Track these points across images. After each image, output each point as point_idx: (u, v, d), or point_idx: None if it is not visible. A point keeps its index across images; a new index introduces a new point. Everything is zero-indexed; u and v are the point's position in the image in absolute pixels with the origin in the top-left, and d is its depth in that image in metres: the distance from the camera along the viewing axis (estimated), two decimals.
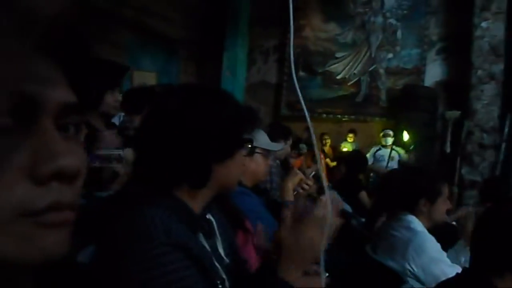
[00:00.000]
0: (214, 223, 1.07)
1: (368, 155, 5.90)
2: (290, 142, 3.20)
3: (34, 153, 0.36)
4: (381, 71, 7.22)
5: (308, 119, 0.97)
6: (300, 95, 0.95)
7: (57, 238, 0.38)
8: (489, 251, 1.28)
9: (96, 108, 2.01)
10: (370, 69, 7.26)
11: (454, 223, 2.59)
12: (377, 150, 6.21)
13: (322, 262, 0.96)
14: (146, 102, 2.23)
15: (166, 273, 0.81)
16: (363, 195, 3.63)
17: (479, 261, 1.32)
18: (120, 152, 1.62)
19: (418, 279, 1.80)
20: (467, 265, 1.80)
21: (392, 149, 5.93)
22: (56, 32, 0.40)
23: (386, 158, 5.83)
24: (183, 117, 0.91)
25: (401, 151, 6.00)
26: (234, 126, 0.96)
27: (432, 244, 1.85)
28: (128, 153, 1.59)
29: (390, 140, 6.05)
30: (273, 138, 2.75)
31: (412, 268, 1.82)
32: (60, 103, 0.40)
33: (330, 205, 1.00)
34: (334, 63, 7.41)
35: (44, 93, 0.38)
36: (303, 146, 4.86)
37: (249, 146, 1.07)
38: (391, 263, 1.87)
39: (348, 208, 3.04)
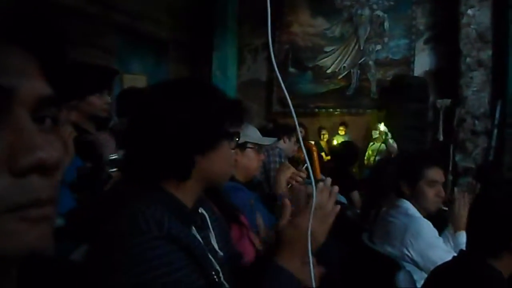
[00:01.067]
0: (207, 217, 1.07)
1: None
2: (294, 139, 3.19)
3: (11, 145, 0.36)
4: (371, 63, 7.24)
5: (293, 112, 0.99)
6: (284, 89, 0.95)
7: (40, 233, 0.38)
8: (485, 233, 1.29)
9: (78, 106, 1.98)
10: (360, 61, 7.28)
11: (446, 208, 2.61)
12: (371, 145, 6.24)
13: (310, 253, 0.96)
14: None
15: (160, 265, 0.81)
16: (355, 195, 3.60)
17: (475, 243, 1.33)
18: (116, 156, 1.62)
19: (416, 264, 1.81)
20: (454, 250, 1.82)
21: (383, 142, 5.95)
22: (26, 24, 0.40)
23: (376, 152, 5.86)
24: (165, 109, 0.92)
25: (392, 142, 6.00)
26: (215, 118, 0.96)
27: (429, 230, 1.86)
28: None
29: (375, 134, 6.06)
30: (277, 136, 2.77)
31: (409, 253, 1.83)
32: (35, 95, 0.39)
33: (327, 194, 1.01)
34: (324, 58, 7.42)
35: (19, 85, 0.38)
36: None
37: (237, 140, 1.06)
38: (389, 249, 1.89)
39: (342, 199, 3.06)
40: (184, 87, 0.99)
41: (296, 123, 1.09)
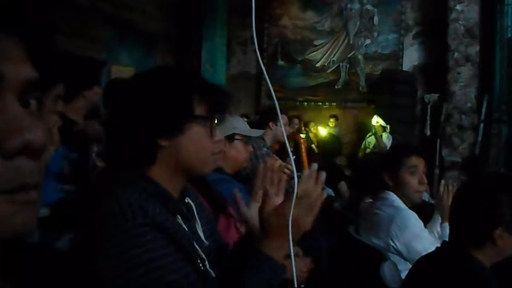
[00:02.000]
0: (193, 206, 1.07)
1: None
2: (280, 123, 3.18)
3: None
4: (360, 57, 7.27)
5: (277, 105, 0.99)
6: (269, 83, 0.95)
7: (26, 217, 0.39)
8: (467, 224, 1.31)
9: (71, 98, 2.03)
10: (349, 55, 7.31)
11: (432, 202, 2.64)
12: (368, 136, 6.27)
13: (290, 244, 0.95)
14: None
15: (144, 252, 0.81)
16: (343, 185, 3.63)
17: (458, 234, 1.35)
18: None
19: (401, 255, 1.83)
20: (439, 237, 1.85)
21: (372, 134, 5.98)
22: (11, 9, 0.40)
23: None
24: (132, 96, 0.94)
25: (385, 137, 6.04)
26: (179, 100, 0.94)
27: (414, 221, 1.88)
28: None
29: (375, 127, 6.09)
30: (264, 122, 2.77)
31: (395, 244, 1.85)
32: (21, 79, 0.40)
33: (313, 182, 1.00)
34: (313, 51, 7.44)
35: (6, 69, 0.39)
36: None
37: (216, 124, 1.04)
38: (375, 240, 1.90)
39: (330, 192, 3.07)
40: (154, 73, 0.99)
41: (279, 115, 1.09)
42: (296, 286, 0.95)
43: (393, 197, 1.98)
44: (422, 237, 1.84)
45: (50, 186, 1.82)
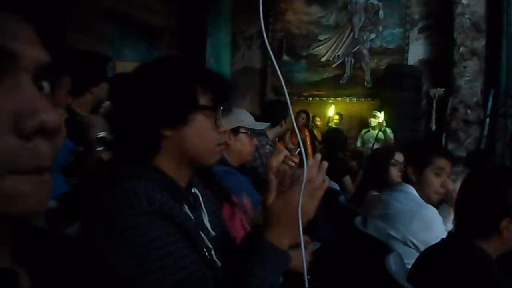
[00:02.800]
0: (200, 197, 1.08)
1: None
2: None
3: (16, 108, 0.38)
4: (365, 51, 7.23)
5: (287, 96, 1.02)
6: (281, 77, 0.96)
7: (41, 197, 0.40)
8: (473, 216, 1.31)
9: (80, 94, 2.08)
10: (354, 50, 7.27)
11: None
12: (365, 132, 6.25)
13: (300, 234, 0.95)
14: None
15: (150, 241, 0.81)
16: (347, 179, 3.63)
17: (463, 225, 1.35)
18: (103, 133, 1.63)
19: (418, 250, 1.80)
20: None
21: (380, 130, 5.95)
22: None
23: (373, 139, 5.86)
24: (137, 85, 0.94)
25: (389, 131, 6.01)
26: (182, 90, 0.94)
27: (438, 223, 1.86)
28: None
29: (374, 122, 6.06)
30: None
31: (414, 240, 1.83)
32: (37, 61, 0.41)
33: (316, 169, 1.01)
34: (318, 46, 7.40)
35: (23, 50, 0.39)
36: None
37: (221, 115, 1.04)
38: (390, 231, 1.89)
39: (335, 185, 3.07)
40: (157, 64, 0.99)
41: (290, 107, 1.09)
42: (306, 274, 0.96)
43: (414, 191, 1.97)
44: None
45: (57, 179, 1.84)
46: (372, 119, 6.10)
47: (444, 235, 1.85)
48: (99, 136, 1.65)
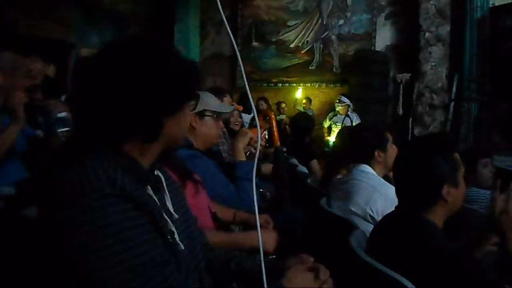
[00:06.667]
0: (163, 179, 1.06)
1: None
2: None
3: None
4: (333, 37, 7.29)
5: (246, 84, 1.08)
6: (241, 64, 0.96)
7: None
8: (413, 190, 1.33)
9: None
10: (323, 36, 7.31)
11: None
12: (333, 116, 6.31)
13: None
14: None
15: (109, 224, 0.79)
16: (314, 163, 3.66)
17: (406, 200, 1.37)
18: (64, 114, 1.60)
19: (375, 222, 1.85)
20: None
21: (347, 115, 6.01)
22: None
23: (340, 124, 5.93)
24: (129, 70, 0.88)
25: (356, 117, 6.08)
26: (182, 78, 0.94)
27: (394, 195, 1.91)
28: None
29: (338, 106, 6.12)
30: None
31: (372, 211, 1.89)
32: None
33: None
34: (287, 32, 7.41)
35: None
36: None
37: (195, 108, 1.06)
38: (352, 207, 1.94)
39: (303, 169, 3.10)
40: (144, 47, 0.95)
41: (249, 92, 1.10)
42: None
43: (370, 169, 2.03)
44: None
45: (15, 166, 1.79)
46: (337, 104, 6.15)
47: None
48: (61, 116, 1.62)
